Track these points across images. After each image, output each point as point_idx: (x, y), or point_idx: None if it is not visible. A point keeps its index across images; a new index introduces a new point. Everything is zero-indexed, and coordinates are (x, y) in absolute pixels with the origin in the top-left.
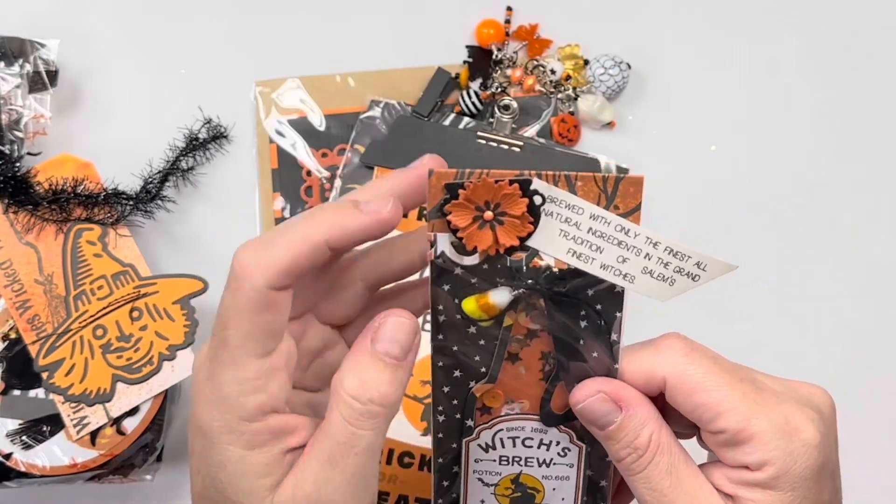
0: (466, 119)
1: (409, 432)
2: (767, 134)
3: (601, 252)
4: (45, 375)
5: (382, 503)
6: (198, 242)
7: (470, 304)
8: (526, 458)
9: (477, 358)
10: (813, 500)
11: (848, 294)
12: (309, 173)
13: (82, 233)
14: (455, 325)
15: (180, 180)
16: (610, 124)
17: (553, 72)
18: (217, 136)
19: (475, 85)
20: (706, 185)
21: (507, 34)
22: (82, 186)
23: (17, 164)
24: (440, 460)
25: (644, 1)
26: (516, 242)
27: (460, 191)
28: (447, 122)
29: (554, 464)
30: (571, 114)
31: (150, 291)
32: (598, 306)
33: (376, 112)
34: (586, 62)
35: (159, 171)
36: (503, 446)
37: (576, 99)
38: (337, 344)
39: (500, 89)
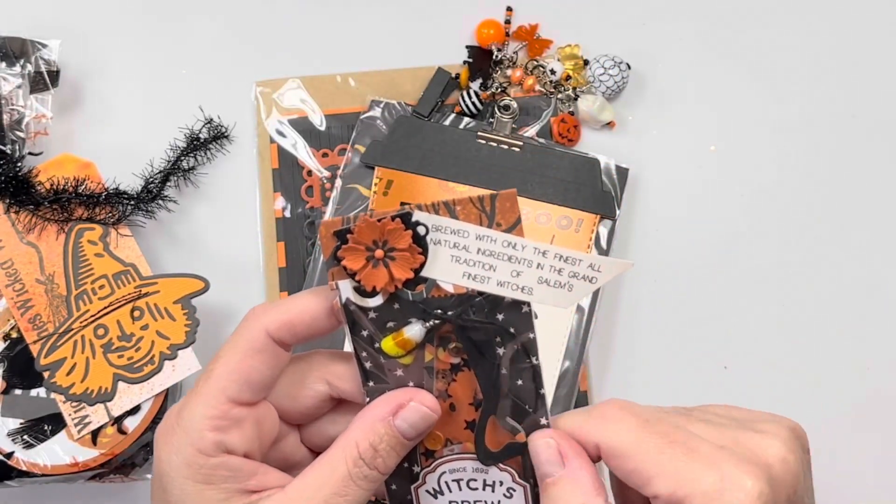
0: (466, 119)
1: None
2: (767, 134)
3: (494, 270)
4: (46, 375)
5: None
6: (199, 242)
7: (388, 343)
8: (475, 502)
9: None
10: None
11: (848, 294)
12: (310, 173)
13: (83, 232)
14: (381, 370)
15: (181, 180)
16: (610, 124)
17: (553, 72)
18: (218, 136)
19: (475, 85)
20: (706, 185)
21: (507, 34)
22: (83, 186)
23: (19, 164)
24: None
25: (644, 1)
26: (411, 275)
27: (348, 235)
28: (447, 122)
29: None
30: (571, 114)
31: (151, 291)
32: (511, 329)
33: (377, 112)
34: (586, 62)
35: (160, 171)
36: (450, 490)
37: (576, 99)
38: (289, 435)
39: (500, 89)
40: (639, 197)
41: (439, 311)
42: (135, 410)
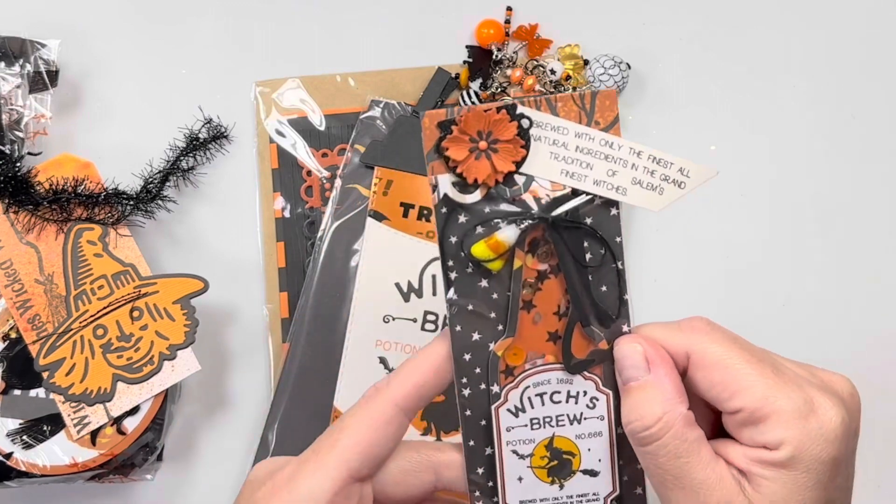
0: None
1: (409, 432)
2: (767, 134)
3: (591, 168)
4: (45, 375)
5: None
6: (198, 242)
7: (479, 248)
8: (556, 417)
9: (493, 315)
10: (826, 484)
11: (850, 294)
12: (309, 173)
13: (83, 233)
14: (467, 281)
15: (181, 180)
16: None
17: (553, 72)
18: (217, 135)
19: (475, 85)
20: (706, 185)
21: (507, 34)
22: (83, 186)
23: (18, 164)
24: (470, 443)
25: (644, 1)
26: (512, 167)
27: (453, 126)
28: None
29: (585, 419)
30: None
31: (151, 291)
32: (599, 233)
33: (376, 112)
34: (586, 62)
35: (160, 171)
36: (532, 406)
37: None
38: None
39: (500, 89)
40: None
41: (533, 210)
42: (134, 411)
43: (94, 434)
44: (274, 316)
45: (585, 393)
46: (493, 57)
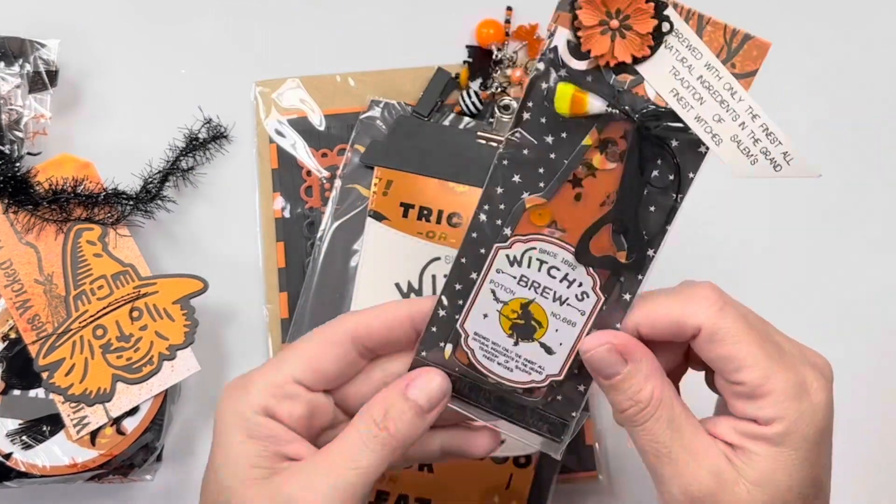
0: (466, 119)
1: None
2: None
3: (702, 103)
4: (45, 375)
5: (382, 503)
6: (198, 242)
7: (566, 89)
8: (544, 287)
9: (541, 170)
10: (813, 461)
11: (854, 294)
12: (309, 173)
13: (82, 233)
14: (536, 129)
15: (180, 180)
16: None
17: None
18: (217, 136)
19: (475, 85)
20: (706, 184)
21: (507, 34)
22: (82, 186)
23: (18, 164)
24: (462, 260)
25: None
26: (629, 60)
27: None
28: (447, 122)
29: (568, 304)
30: None
31: (150, 291)
32: (677, 160)
33: (376, 112)
34: None
35: (159, 171)
36: (529, 266)
37: None
38: (342, 424)
39: (500, 89)
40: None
41: (627, 107)
42: (134, 411)
43: (94, 434)
44: (274, 316)
45: (581, 284)
46: (493, 57)
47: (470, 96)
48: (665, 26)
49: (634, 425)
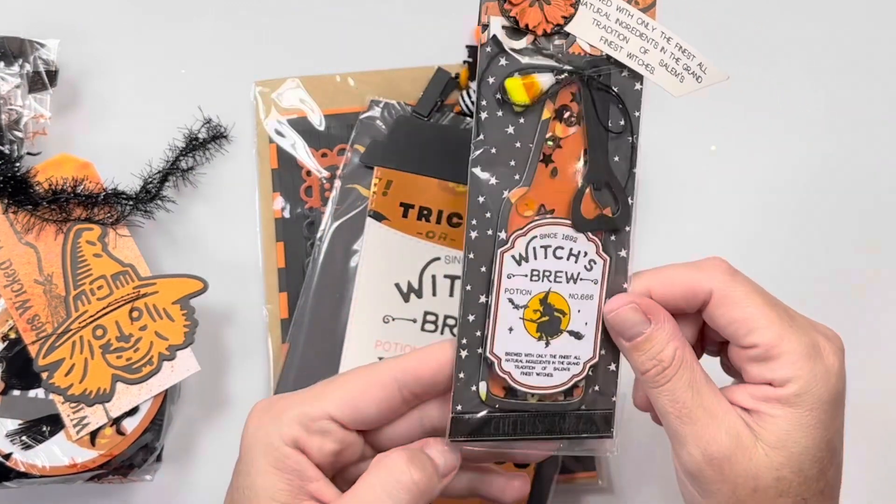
0: (466, 119)
1: None
2: (768, 134)
3: (627, 42)
4: (44, 375)
5: None
6: (197, 242)
7: (514, 83)
8: (556, 273)
9: (512, 163)
10: (827, 423)
11: (851, 295)
12: (309, 173)
13: (82, 233)
14: (495, 125)
15: (180, 180)
16: None
17: None
18: (217, 136)
19: (475, 85)
20: (706, 185)
21: None
22: (82, 186)
23: (17, 164)
24: (468, 287)
25: None
26: (561, 21)
27: None
28: (447, 122)
29: (581, 279)
30: None
31: (150, 291)
32: (621, 104)
33: (376, 112)
34: None
35: (159, 171)
36: (535, 257)
37: None
38: (365, 462)
39: None
40: (639, 197)
41: (569, 66)
42: (133, 411)
43: (94, 435)
44: (273, 316)
45: (586, 254)
46: None
47: (470, 96)
48: None
49: (656, 386)
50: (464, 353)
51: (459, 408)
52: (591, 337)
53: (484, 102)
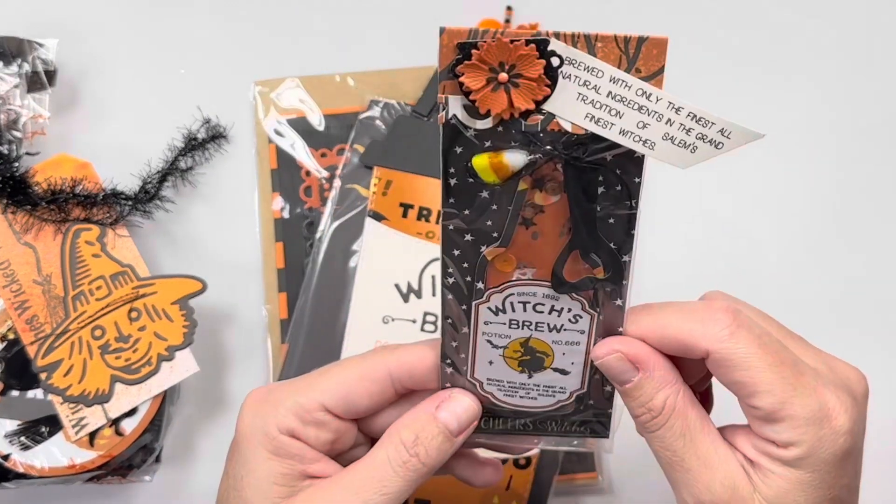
0: None
1: None
2: (768, 134)
3: (621, 117)
4: (43, 376)
5: None
6: (197, 243)
7: (481, 161)
8: (536, 323)
9: (489, 223)
10: (832, 483)
11: (854, 295)
12: (308, 173)
13: (81, 233)
14: (466, 189)
15: (179, 180)
16: None
17: None
18: (216, 136)
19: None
20: (706, 184)
21: None
22: (81, 187)
23: (16, 164)
24: (448, 320)
25: (644, 1)
26: (532, 106)
27: (473, 51)
28: None
29: (564, 329)
30: None
31: (149, 292)
32: (618, 171)
33: (376, 112)
34: None
35: (158, 172)
36: (514, 310)
37: None
38: (362, 446)
39: None
40: (638, 197)
41: (549, 147)
42: (132, 412)
43: (93, 435)
44: (273, 317)
45: (570, 310)
46: None
47: None
48: (555, 61)
49: (647, 432)
50: (448, 370)
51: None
52: (579, 373)
53: (452, 169)
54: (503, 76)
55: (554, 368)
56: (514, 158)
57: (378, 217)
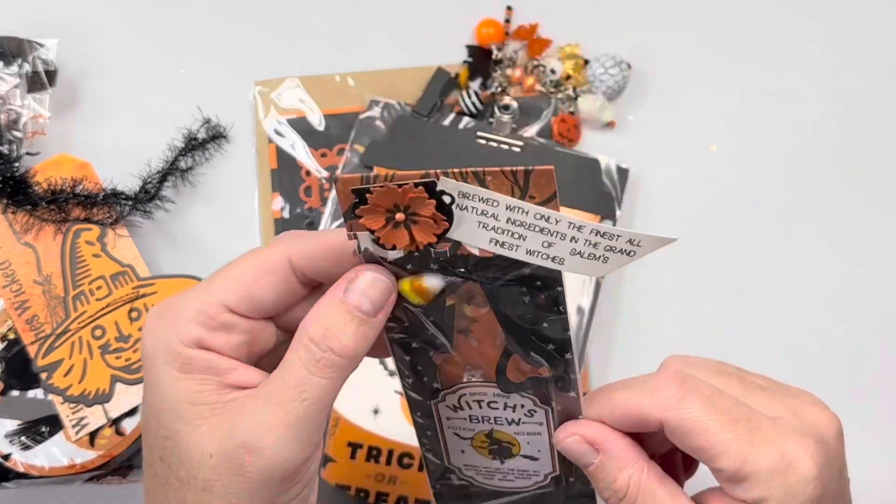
0: (466, 119)
1: (410, 433)
2: (768, 134)
3: (524, 239)
4: (43, 376)
5: (382, 503)
6: (197, 242)
7: (405, 286)
8: (495, 418)
9: (430, 332)
10: None
11: (853, 292)
12: (308, 173)
13: (81, 233)
14: (401, 307)
15: (179, 180)
16: (610, 124)
17: (553, 71)
18: (216, 135)
19: (475, 85)
20: (706, 184)
21: (507, 34)
22: (81, 186)
23: (16, 164)
24: (417, 416)
25: (644, 1)
26: (433, 240)
27: (367, 195)
28: (447, 122)
29: (523, 422)
30: (571, 114)
31: (149, 292)
32: (538, 283)
33: (376, 112)
34: (586, 62)
35: (158, 172)
36: (470, 407)
37: (576, 99)
38: (283, 345)
39: (500, 89)
40: (639, 197)
41: (462, 269)
42: (133, 412)
43: (93, 435)
44: None
45: (523, 406)
46: (493, 57)
47: (470, 96)
48: (446, 198)
49: None
50: (429, 455)
51: (439, 486)
52: (548, 458)
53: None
54: (400, 216)
55: (523, 455)
56: (433, 282)
57: None
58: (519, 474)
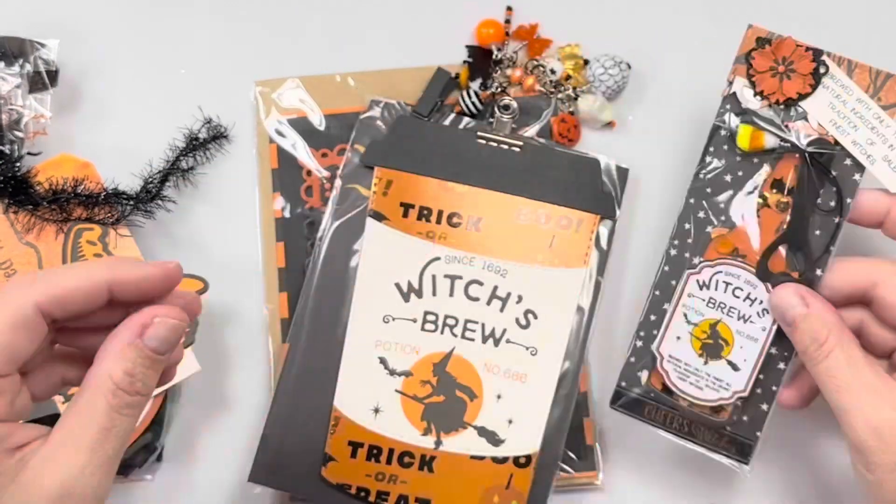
0: (466, 119)
1: (410, 432)
2: None
3: (856, 130)
4: None
5: (382, 503)
6: (198, 242)
7: (746, 129)
8: (730, 307)
9: (722, 205)
10: None
11: None
12: (309, 173)
13: (82, 233)
14: (715, 168)
15: (180, 180)
16: (610, 124)
17: (553, 72)
18: (217, 135)
19: (475, 85)
20: None
21: (507, 34)
22: (82, 186)
23: (18, 164)
24: (657, 292)
25: (644, 1)
26: (794, 96)
27: (767, 45)
28: (447, 122)
29: (750, 321)
30: (571, 114)
31: None
32: (839, 185)
33: (376, 112)
34: (586, 62)
35: (159, 171)
36: (716, 288)
37: (576, 99)
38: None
39: (500, 89)
40: (639, 197)
41: (794, 141)
42: None
43: None
44: (274, 316)
45: (761, 302)
46: (493, 57)
47: (470, 96)
48: (822, 69)
49: (815, 363)
50: (639, 343)
51: (623, 384)
52: (747, 373)
53: (712, 149)
54: (781, 68)
55: (728, 361)
56: (770, 139)
57: (379, 217)
58: (711, 382)
